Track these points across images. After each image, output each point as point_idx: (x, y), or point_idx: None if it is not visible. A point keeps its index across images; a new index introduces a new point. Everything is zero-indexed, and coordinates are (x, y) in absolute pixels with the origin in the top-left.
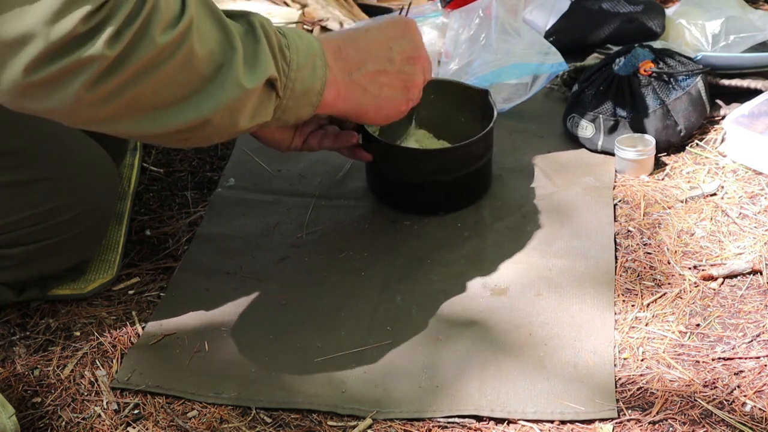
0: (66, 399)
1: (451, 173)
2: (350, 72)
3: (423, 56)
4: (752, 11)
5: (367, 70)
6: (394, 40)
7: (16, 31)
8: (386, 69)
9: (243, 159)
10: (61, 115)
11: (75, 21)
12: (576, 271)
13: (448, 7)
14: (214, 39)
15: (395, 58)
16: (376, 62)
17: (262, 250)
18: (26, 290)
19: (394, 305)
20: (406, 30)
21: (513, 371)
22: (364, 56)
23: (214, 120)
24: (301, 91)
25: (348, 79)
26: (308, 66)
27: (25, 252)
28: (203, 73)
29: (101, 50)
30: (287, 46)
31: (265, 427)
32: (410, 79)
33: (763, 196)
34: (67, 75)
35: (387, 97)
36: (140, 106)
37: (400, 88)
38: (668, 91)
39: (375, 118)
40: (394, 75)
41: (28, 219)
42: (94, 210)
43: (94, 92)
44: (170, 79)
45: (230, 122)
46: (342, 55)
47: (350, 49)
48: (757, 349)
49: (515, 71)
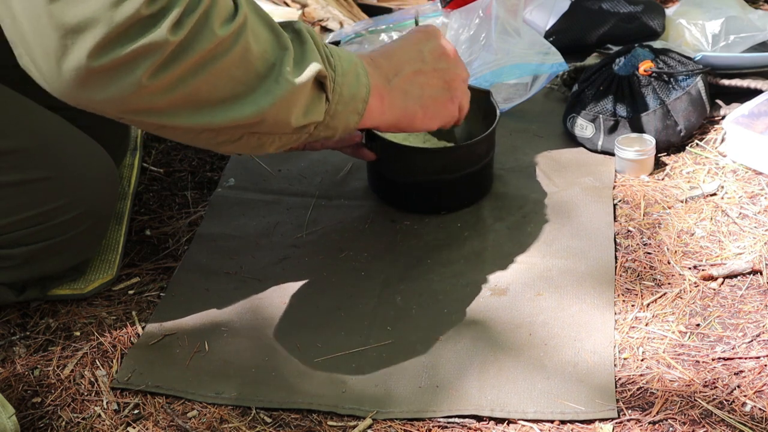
0: (66, 399)
1: (454, 172)
2: (389, 79)
3: (454, 52)
4: (752, 11)
5: (404, 74)
6: (421, 43)
7: (79, 16)
8: (421, 69)
9: (243, 159)
10: (119, 105)
11: (138, 4)
12: (576, 271)
13: (448, 7)
14: (266, 39)
15: (427, 57)
16: (410, 65)
17: (262, 250)
18: (26, 290)
19: (394, 305)
20: (430, 33)
21: (513, 371)
22: (397, 62)
23: (269, 116)
24: (348, 96)
25: (388, 86)
26: (352, 72)
27: (26, 252)
28: (258, 70)
29: (165, 35)
30: (331, 54)
31: (265, 427)
32: (447, 74)
33: (763, 196)
34: (131, 60)
35: (430, 96)
36: (198, 99)
37: (441, 84)
38: (668, 91)
39: (424, 120)
40: (431, 73)
41: (28, 219)
42: (95, 210)
43: (156, 80)
44: (227, 73)
45: (284, 118)
46: (377, 64)
47: (382, 58)
48: (757, 349)
49: (515, 71)
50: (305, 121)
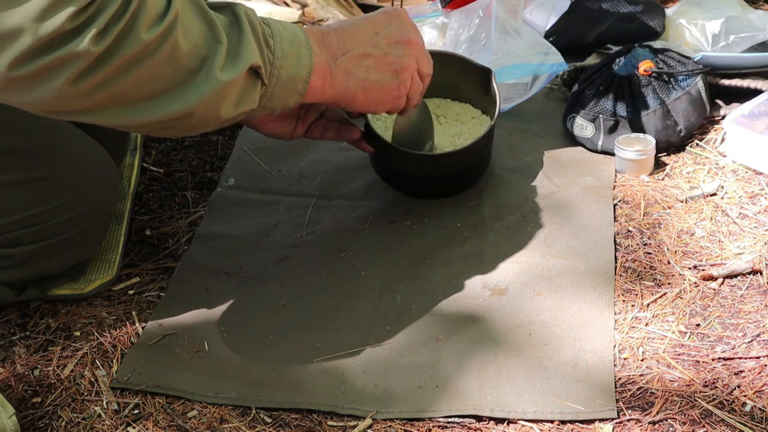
0: (66, 399)
1: (451, 170)
2: (335, 57)
3: (413, 41)
4: (752, 11)
5: (351, 54)
6: (380, 26)
7: (5, 26)
8: (371, 53)
9: (243, 159)
10: (43, 107)
11: (63, 18)
12: (576, 271)
13: (448, 7)
14: (198, 32)
15: (381, 42)
16: (360, 47)
17: (262, 250)
18: (26, 290)
19: (394, 305)
20: (394, 17)
21: (513, 371)
22: (349, 42)
23: (197, 111)
24: (286, 78)
25: (333, 64)
26: (293, 54)
27: (26, 252)
28: (187, 66)
29: (87, 47)
30: (271, 36)
31: (265, 427)
32: (399, 62)
33: (763, 196)
34: (51, 70)
35: (375, 81)
36: (123, 99)
37: (389, 71)
38: (668, 91)
39: (365, 103)
40: (380, 58)
41: (28, 218)
42: (95, 209)
43: (78, 86)
44: (154, 73)
45: (214, 112)
46: (326, 41)
47: (334, 36)
48: (757, 349)
49: (515, 71)
50: (236, 112)
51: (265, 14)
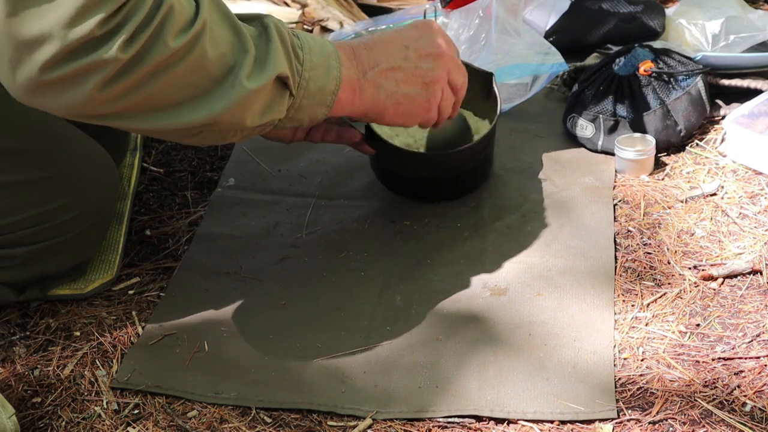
0: (66, 399)
1: (452, 171)
2: (365, 71)
3: (444, 54)
4: (752, 11)
5: (381, 68)
6: (410, 40)
7: (35, 31)
8: (401, 66)
9: (243, 159)
10: (71, 111)
11: (92, 25)
12: (576, 271)
13: (448, 7)
14: (226, 41)
15: (411, 55)
16: (390, 60)
17: (262, 250)
18: (27, 290)
19: (394, 305)
20: (425, 30)
21: (513, 371)
22: (379, 55)
23: (223, 119)
24: (315, 89)
25: (363, 78)
26: (322, 65)
27: (27, 252)
28: (214, 74)
29: (115, 53)
30: (300, 47)
31: (265, 427)
32: (429, 75)
33: (763, 196)
34: (80, 76)
35: (404, 94)
36: (151, 105)
37: (419, 84)
38: (668, 91)
39: (395, 115)
40: (410, 71)
41: (29, 219)
42: (95, 210)
43: (106, 92)
44: (181, 80)
45: (239, 120)
46: (356, 54)
47: (364, 49)
48: (757, 349)
49: (515, 71)
50: (262, 121)
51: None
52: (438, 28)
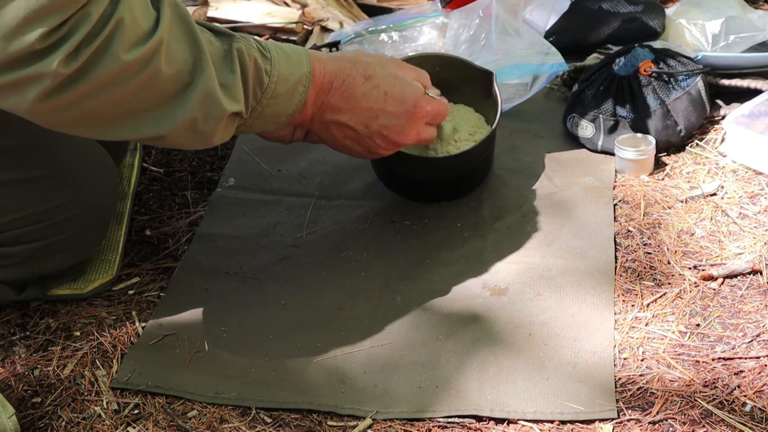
0: (66, 399)
1: (452, 174)
2: (323, 112)
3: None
4: (752, 11)
5: (339, 120)
6: (386, 115)
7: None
8: (357, 130)
9: (243, 159)
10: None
11: (32, 39)
12: (576, 271)
13: (448, 7)
14: (183, 59)
15: (373, 127)
16: (352, 119)
17: (262, 250)
18: (26, 289)
19: (394, 305)
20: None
21: (513, 371)
22: (346, 107)
23: (168, 136)
24: (270, 114)
25: (318, 117)
26: (286, 93)
27: (26, 250)
28: (168, 91)
29: (54, 68)
30: (269, 73)
31: (265, 427)
32: (374, 149)
33: (763, 196)
34: (20, 86)
35: (346, 146)
36: (98, 117)
37: (362, 148)
38: (668, 91)
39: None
40: (362, 138)
41: (28, 217)
42: (95, 209)
43: (48, 103)
44: (131, 95)
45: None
46: (327, 94)
47: (337, 93)
48: (757, 349)
49: (515, 71)
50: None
51: (265, 14)
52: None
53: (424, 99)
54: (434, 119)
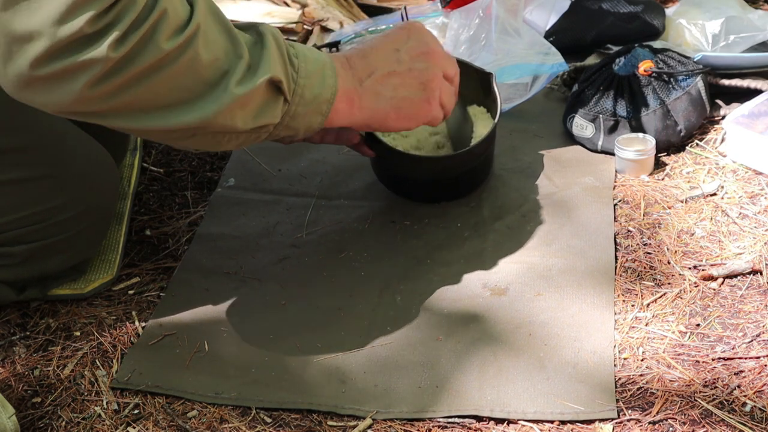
0: (66, 399)
1: (451, 174)
2: (361, 80)
3: (435, 51)
4: (752, 11)
5: (377, 75)
6: (400, 42)
7: (25, 27)
8: (396, 70)
9: (243, 159)
10: (61, 108)
11: (82, 23)
12: (576, 271)
13: (448, 7)
14: (220, 46)
15: (403, 58)
16: (384, 65)
17: (262, 250)
18: (27, 289)
19: (394, 305)
20: (412, 32)
21: (513, 371)
22: (372, 62)
23: (215, 122)
24: (310, 97)
25: (360, 88)
26: (317, 74)
27: (26, 250)
28: (207, 78)
29: (105, 52)
30: (296, 55)
31: (265, 427)
32: (424, 75)
33: (763, 196)
34: (71, 73)
35: (404, 97)
36: (141, 105)
37: (416, 85)
38: (668, 91)
39: (398, 121)
40: (406, 73)
41: (29, 217)
42: (95, 209)
43: (96, 91)
44: (172, 82)
45: (231, 124)
46: (351, 64)
47: (357, 59)
48: (757, 349)
49: (515, 71)
50: (255, 124)
51: (265, 14)
52: (423, 27)
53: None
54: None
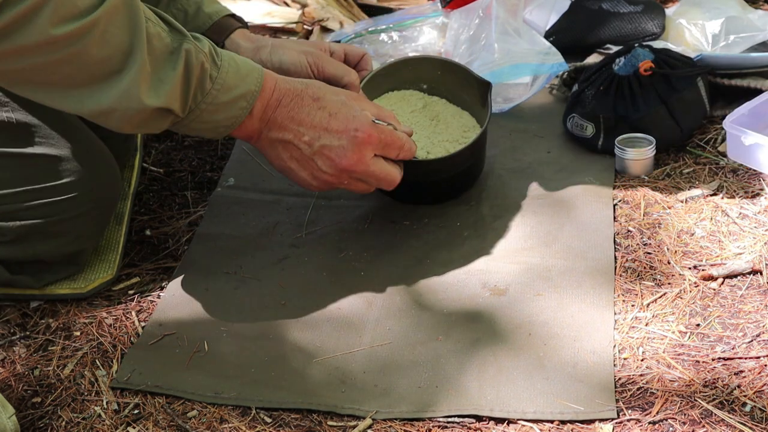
0: (66, 399)
1: (440, 176)
2: (269, 129)
3: (344, 167)
4: (752, 11)
5: (284, 137)
6: (329, 134)
7: None
8: (301, 149)
9: (243, 159)
10: None
11: None
12: (576, 271)
13: (448, 7)
14: (118, 46)
15: (316, 146)
16: (296, 137)
17: (262, 250)
18: (21, 273)
19: (394, 305)
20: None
21: (513, 371)
22: (291, 126)
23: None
24: (207, 119)
25: (265, 134)
26: (227, 104)
27: (20, 228)
28: (94, 73)
29: None
30: (213, 79)
31: (265, 427)
32: (318, 174)
33: (763, 196)
34: None
35: (291, 169)
36: (27, 78)
37: (306, 169)
38: (668, 91)
39: (281, 173)
40: (305, 159)
41: (25, 193)
42: (93, 196)
43: None
44: (56, 67)
45: (110, 123)
46: (275, 111)
47: (284, 110)
48: (757, 349)
49: (515, 71)
50: (133, 131)
51: (265, 14)
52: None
53: (370, 125)
54: (384, 149)
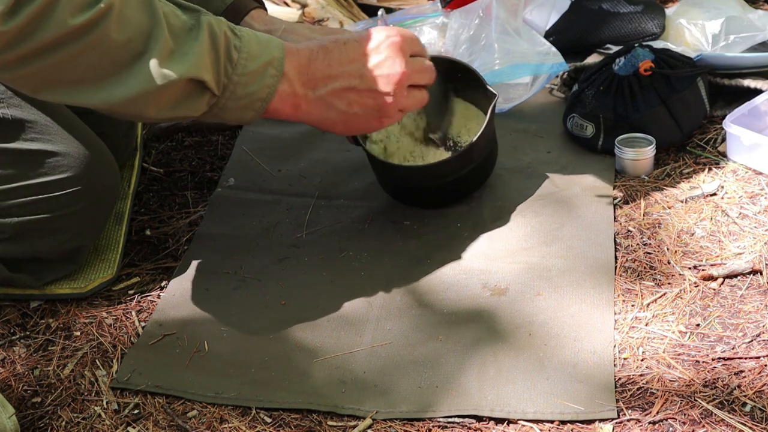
0: (66, 399)
1: (442, 180)
2: (315, 88)
3: (399, 74)
4: (752, 11)
5: (334, 87)
6: (368, 56)
7: None
8: (355, 86)
9: (243, 159)
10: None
11: None
12: (576, 271)
13: (448, 7)
14: (137, 28)
15: (366, 74)
16: (345, 79)
17: (262, 250)
18: (20, 271)
19: (394, 305)
20: (384, 46)
21: (513, 371)
22: (334, 71)
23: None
24: (242, 94)
25: (312, 95)
26: (257, 72)
27: (17, 224)
28: (118, 59)
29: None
30: (238, 49)
31: (265, 427)
32: (383, 102)
33: (763, 196)
34: None
35: (356, 114)
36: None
37: (372, 106)
38: (668, 91)
39: (345, 131)
40: (365, 93)
41: (23, 189)
42: (92, 193)
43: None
44: (79, 59)
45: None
46: (310, 69)
47: (320, 63)
48: (757, 349)
49: (515, 71)
50: (172, 114)
51: None
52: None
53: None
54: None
